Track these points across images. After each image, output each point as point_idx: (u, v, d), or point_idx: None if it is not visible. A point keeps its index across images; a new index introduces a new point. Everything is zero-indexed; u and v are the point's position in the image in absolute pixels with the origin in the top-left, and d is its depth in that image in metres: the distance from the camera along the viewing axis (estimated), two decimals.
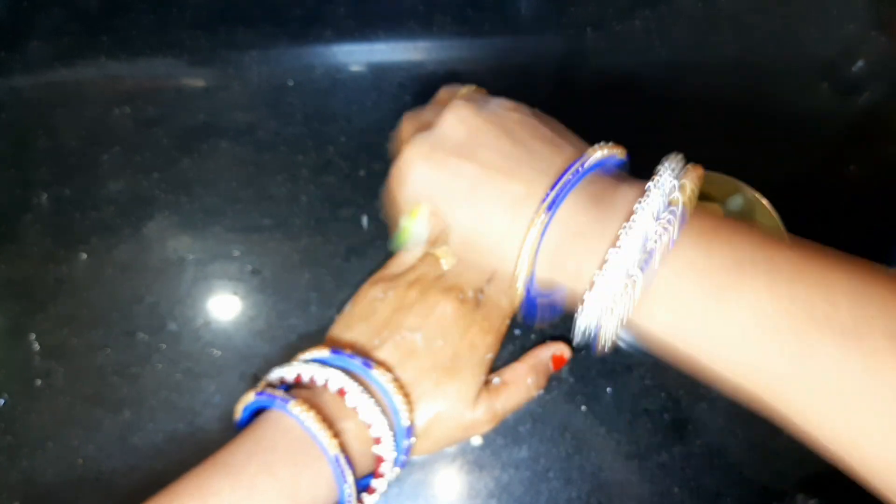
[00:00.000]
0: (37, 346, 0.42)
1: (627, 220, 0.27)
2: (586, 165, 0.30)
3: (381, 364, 0.35)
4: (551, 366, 0.41)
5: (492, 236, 0.31)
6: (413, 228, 0.36)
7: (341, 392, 0.33)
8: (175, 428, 0.41)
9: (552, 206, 0.29)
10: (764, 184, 0.40)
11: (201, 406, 0.41)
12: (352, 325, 0.38)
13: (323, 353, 0.36)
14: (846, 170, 0.45)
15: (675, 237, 0.26)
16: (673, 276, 0.26)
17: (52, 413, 0.41)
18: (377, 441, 0.33)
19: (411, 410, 0.35)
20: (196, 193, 0.46)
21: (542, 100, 0.47)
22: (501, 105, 0.34)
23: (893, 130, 0.46)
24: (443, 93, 0.38)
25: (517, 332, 0.42)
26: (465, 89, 0.37)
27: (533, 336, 0.42)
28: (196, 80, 0.49)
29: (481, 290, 0.39)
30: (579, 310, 0.28)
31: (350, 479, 0.31)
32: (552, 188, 0.29)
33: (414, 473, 0.40)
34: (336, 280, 0.43)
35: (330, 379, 0.33)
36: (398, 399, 0.34)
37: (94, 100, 0.48)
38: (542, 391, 0.40)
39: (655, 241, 0.26)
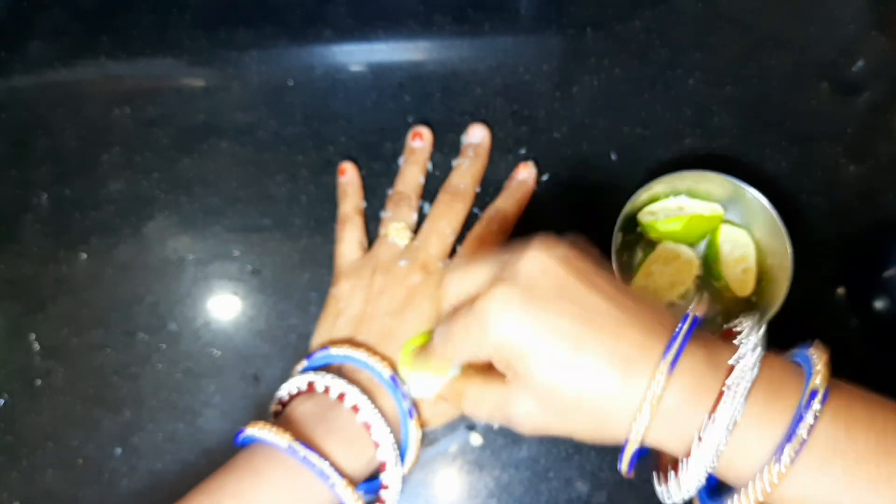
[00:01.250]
0: (37, 346, 0.42)
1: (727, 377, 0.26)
2: (686, 325, 0.28)
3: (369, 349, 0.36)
4: None
5: (598, 399, 0.28)
6: (425, 383, 0.34)
7: (355, 408, 0.34)
8: (175, 428, 0.41)
9: (672, 366, 0.26)
10: (764, 184, 0.39)
11: (201, 406, 0.41)
12: (332, 327, 0.38)
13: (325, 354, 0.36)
14: (846, 170, 0.45)
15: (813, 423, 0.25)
16: (816, 458, 0.25)
17: (52, 413, 0.41)
18: (376, 445, 0.34)
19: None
20: (196, 193, 0.46)
21: (543, 100, 0.47)
22: (574, 246, 0.31)
23: (893, 130, 0.46)
24: None
25: None
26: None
27: None
28: (196, 80, 0.49)
29: (446, 253, 0.40)
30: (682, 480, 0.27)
31: (315, 457, 0.31)
32: (668, 348, 0.27)
33: (414, 473, 0.40)
34: (328, 289, 0.43)
35: (347, 394, 0.34)
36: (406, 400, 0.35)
37: (94, 100, 0.48)
38: None
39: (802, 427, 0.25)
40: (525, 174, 0.44)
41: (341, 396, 0.34)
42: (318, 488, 0.31)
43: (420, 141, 0.45)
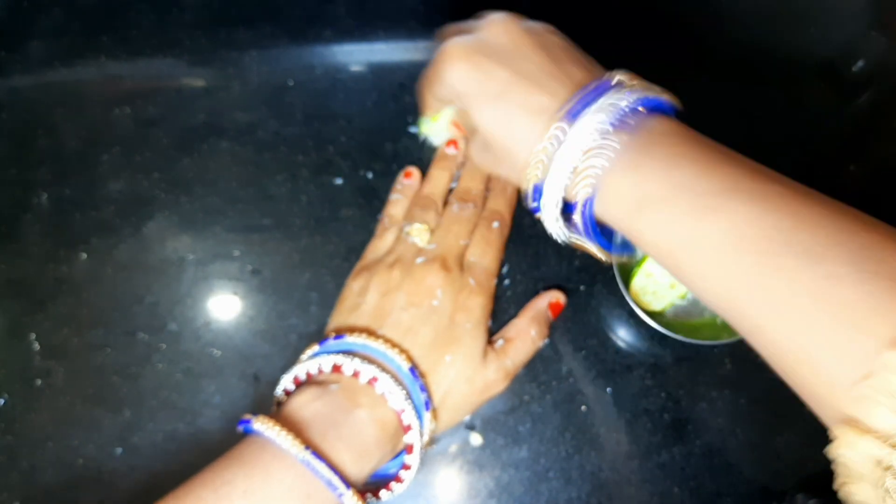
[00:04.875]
0: (37, 346, 0.42)
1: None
2: (610, 83, 0.31)
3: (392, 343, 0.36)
4: (550, 314, 0.42)
5: (510, 140, 0.33)
6: (431, 129, 0.42)
7: (371, 381, 0.34)
8: (175, 428, 0.41)
9: (569, 116, 0.30)
10: None
11: (201, 406, 0.41)
12: (346, 320, 0.38)
13: (336, 342, 0.36)
14: (846, 170, 0.45)
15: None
16: (670, 190, 0.28)
17: (52, 413, 0.41)
18: (407, 429, 0.34)
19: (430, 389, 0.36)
20: (196, 193, 0.46)
21: None
22: (544, 26, 0.36)
23: (893, 130, 0.46)
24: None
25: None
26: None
27: None
28: (196, 80, 0.49)
29: (462, 257, 0.39)
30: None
31: (325, 470, 0.31)
32: (570, 100, 0.31)
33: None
34: (336, 280, 0.43)
35: (361, 371, 0.34)
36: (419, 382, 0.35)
37: (94, 100, 0.48)
38: (547, 340, 0.41)
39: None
40: None
41: (372, 381, 0.34)
42: (326, 493, 0.31)
43: (454, 149, 0.45)
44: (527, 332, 0.40)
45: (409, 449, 0.35)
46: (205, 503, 0.30)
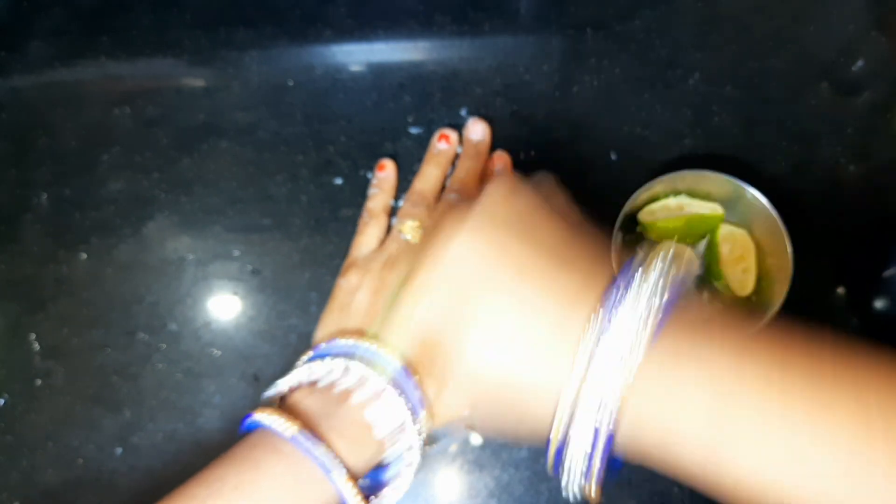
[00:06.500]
0: (37, 346, 0.42)
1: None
2: (645, 272, 0.26)
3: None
4: None
5: (539, 330, 0.26)
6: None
7: (376, 394, 0.34)
8: (175, 428, 0.41)
9: (612, 308, 0.25)
10: (764, 184, 0.40)
11: (201, 406, 0.41)
12: (338, 320, 0.38)
13: (329, 345, 0.36)
14: (846, 170, 0.45)
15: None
16: (742, 400, 0.24)
17: (52, 413, 0.41)
18: (401, 428, 0.34)
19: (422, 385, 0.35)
20: (196, 193, 0.46)
21: (543, 100, 0.47)
22: (545, 183, 0.31)
23: (893, 130, 0.46)
24: None
25: None
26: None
27: None
28: (196, 80, 0.49)
29: None
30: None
31: (320, 449, 0.31)
32: (613, 285, 0.25)
33: None
34: (336, 280, 0.43)
35: (349, 369, 0.34)
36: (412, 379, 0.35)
37: (94, 100, 0.48)
38: None
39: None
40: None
41: (361, 380, 0.34)
42: (318, 483, 0.31)
43: (445, 143, 0.45)
44: None
45: (406, 447, 0.35)
46: (197, 500, 0.30)
